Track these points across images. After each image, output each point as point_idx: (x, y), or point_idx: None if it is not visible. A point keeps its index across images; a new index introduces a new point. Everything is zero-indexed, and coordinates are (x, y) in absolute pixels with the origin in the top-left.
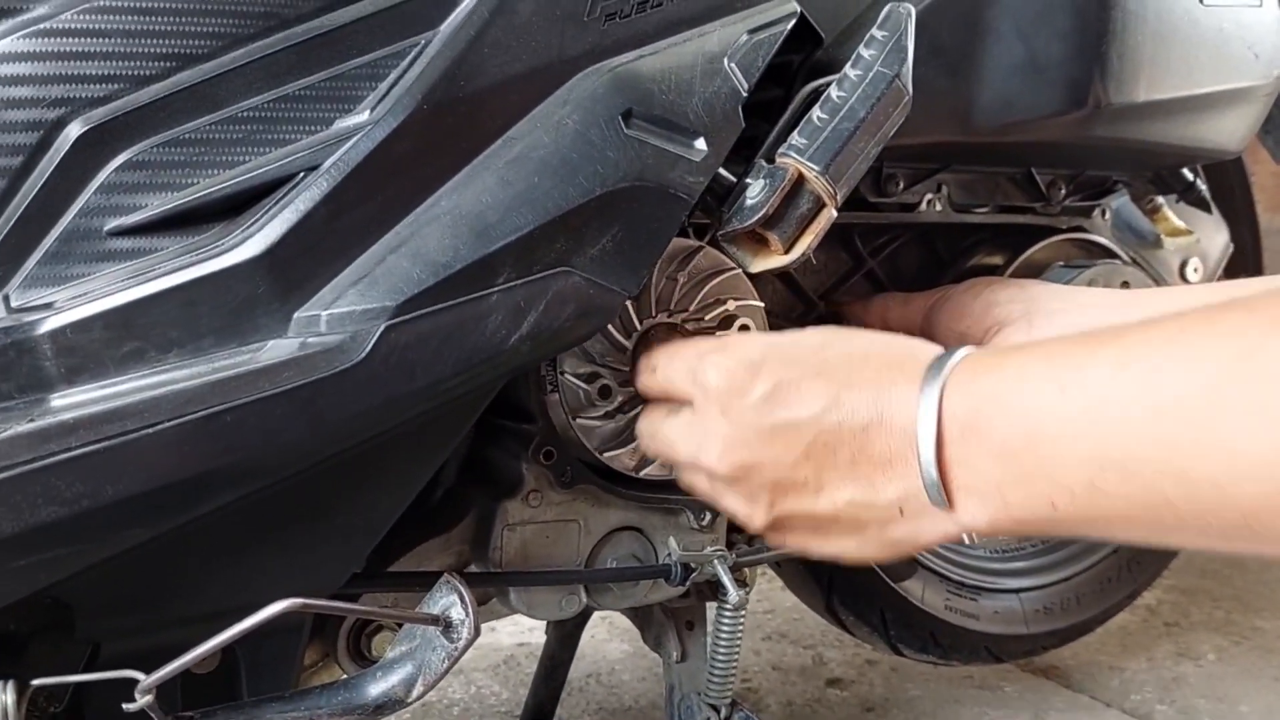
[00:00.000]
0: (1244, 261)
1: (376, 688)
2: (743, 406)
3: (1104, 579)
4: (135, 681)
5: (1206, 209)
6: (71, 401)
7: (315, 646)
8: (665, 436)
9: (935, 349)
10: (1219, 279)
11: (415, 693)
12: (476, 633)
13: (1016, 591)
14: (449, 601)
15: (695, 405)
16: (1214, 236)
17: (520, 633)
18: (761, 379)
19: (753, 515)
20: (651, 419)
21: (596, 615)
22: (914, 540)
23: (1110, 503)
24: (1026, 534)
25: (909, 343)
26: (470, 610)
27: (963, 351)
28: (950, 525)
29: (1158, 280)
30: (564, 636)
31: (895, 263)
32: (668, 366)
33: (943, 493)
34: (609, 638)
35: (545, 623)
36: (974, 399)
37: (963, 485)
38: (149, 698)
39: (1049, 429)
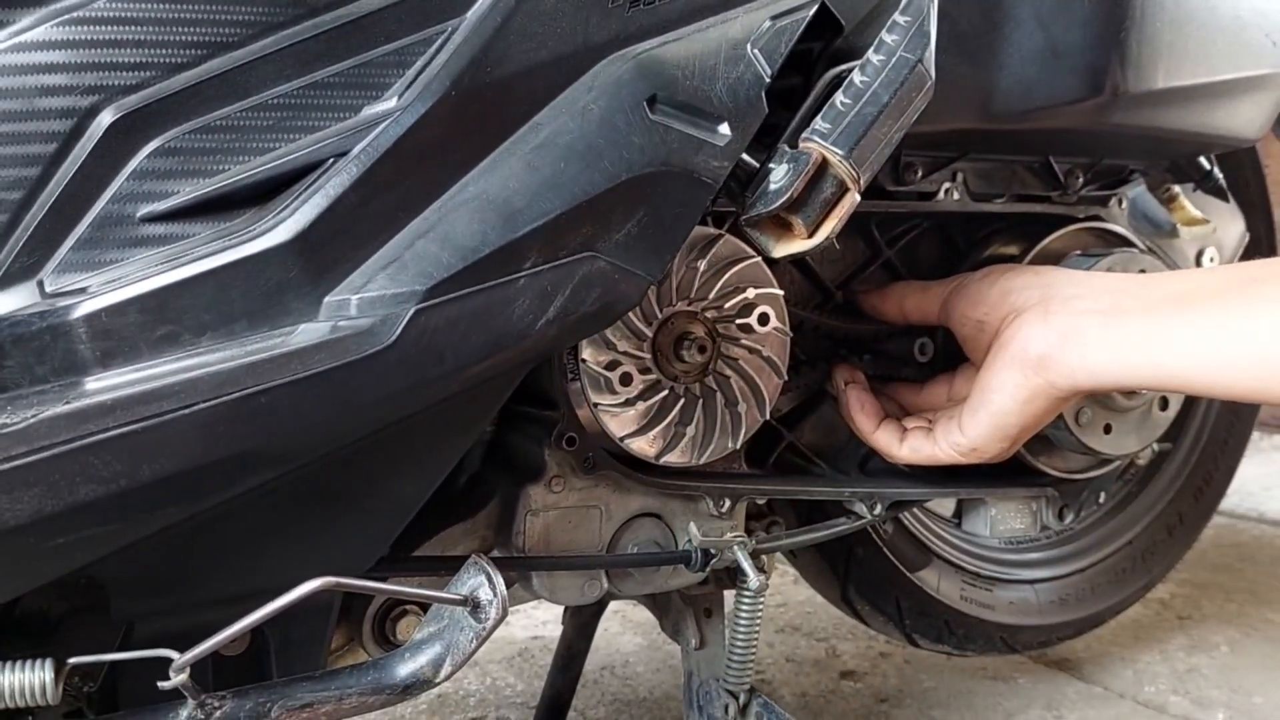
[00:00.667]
0: (1259, 251)
1: (405, 668)
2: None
3: (1118, 571)
4: (168, 661)
5: (1223, 198)
6: (107, 384)
7: (341, 630)
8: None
9: None
10: None
11: (444, 673)
12: (505, 613)
13: (1031, 582)
14: (477, 582)
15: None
16: (1230, 226)
17: (534, 626)
18: None
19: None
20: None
21: (610, 609)
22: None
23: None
24: None
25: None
26: (498, 590)
27: None
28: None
29: (1174, 269)
30: (580, 627)
31: (912, 252)
32: None
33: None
34: (622, 630)
35: (560, 615)
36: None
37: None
38: (183, 676)
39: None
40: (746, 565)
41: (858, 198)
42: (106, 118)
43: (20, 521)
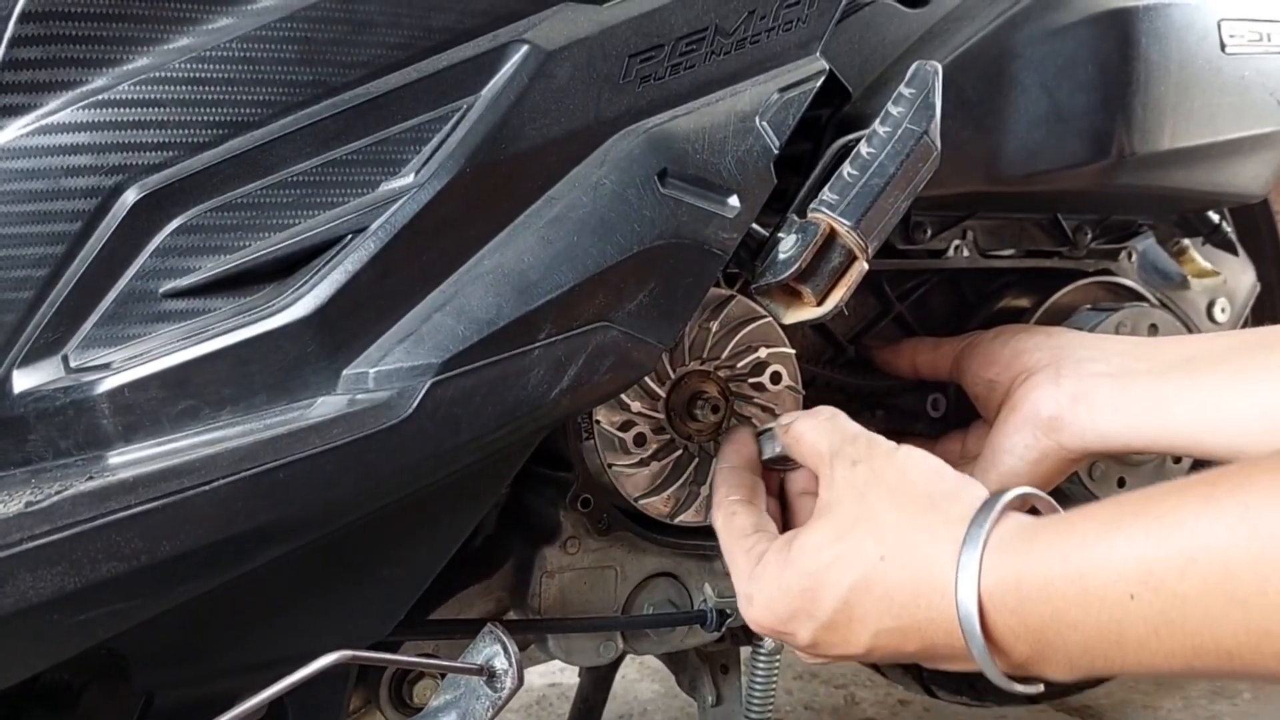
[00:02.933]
0: (1271, 300)
1: None
2: (794, 644)
3: None
4: None
5: (1233, 250)
6: (129, 459)
7: (358, 693)
8: None
9: (948, 538)
10: (1247, 317)
11: None
12: (520, 682)
13: None
14: (492, 651)
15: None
16: (1240, 276)
17: (551, 673)
18: (798, 629)
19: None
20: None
21: (628, 656)
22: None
23: (1218, 672)
24: None
25: (929, 534)
26: (514, 660)
27: (992, 549)
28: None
29: (1185, 321)
30: (598, 679)
31: (924, 307)
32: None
33: (1025, 687)
34: (640, 678)
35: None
36: (1034, 620)
37: (1047, 673)
38: None
39: (1132, 631)
40: None
41: (866, 267)
42: (130, 196)
43: (43, 599)
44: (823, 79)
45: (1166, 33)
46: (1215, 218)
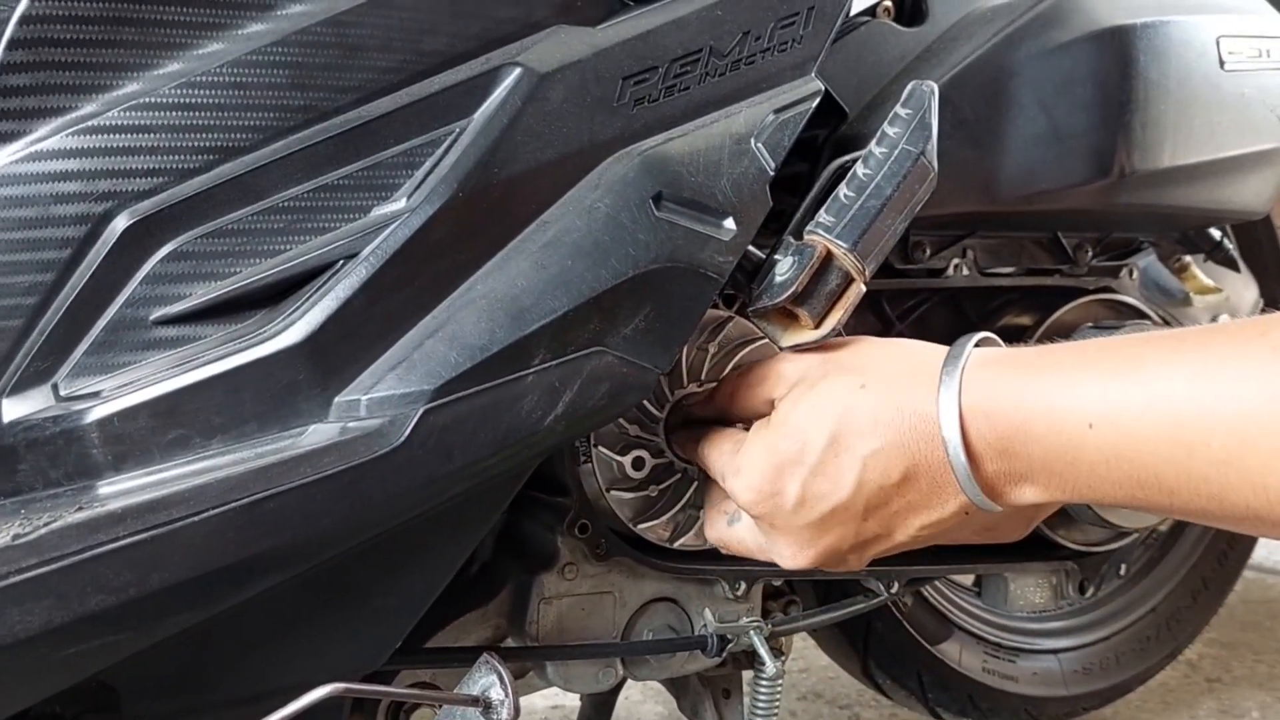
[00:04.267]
0: None
1: None
2: (785, 515)
3: (1143, 639)
4: None
5: (1235, 267)
6: (119, 489)
7: None
8: (737, 544)
9: (934, 365)
10: None
11: None
12: (516, 712)
13: (1055, 652)
14: (488, 681)
15: (746, 520)
16: (1244, 293)
17: (553, 695)
18: (786, 486)
19: (851, 566)
20: (716, 528)
21: None
22: (994, 514)
23: (1153, 507)
24: None
25: (907, 367)
26: (510, 690)
27: (969, 368)
28: (1012, 507)
29: None
30: (599, 703)
31: (924, 325)
32: (711, 475)
33: (994, 503)
34: (643, 699)
35: None
36: (1002, 426)
37: (1011, 494)
38: None
39: (1086, 457)
40: (763, 651)
41: (863, 288)
42: (120, 223)
43: (31, 633)
44: (818, 100)
45: (1165, 50)
46: (1217, 234)
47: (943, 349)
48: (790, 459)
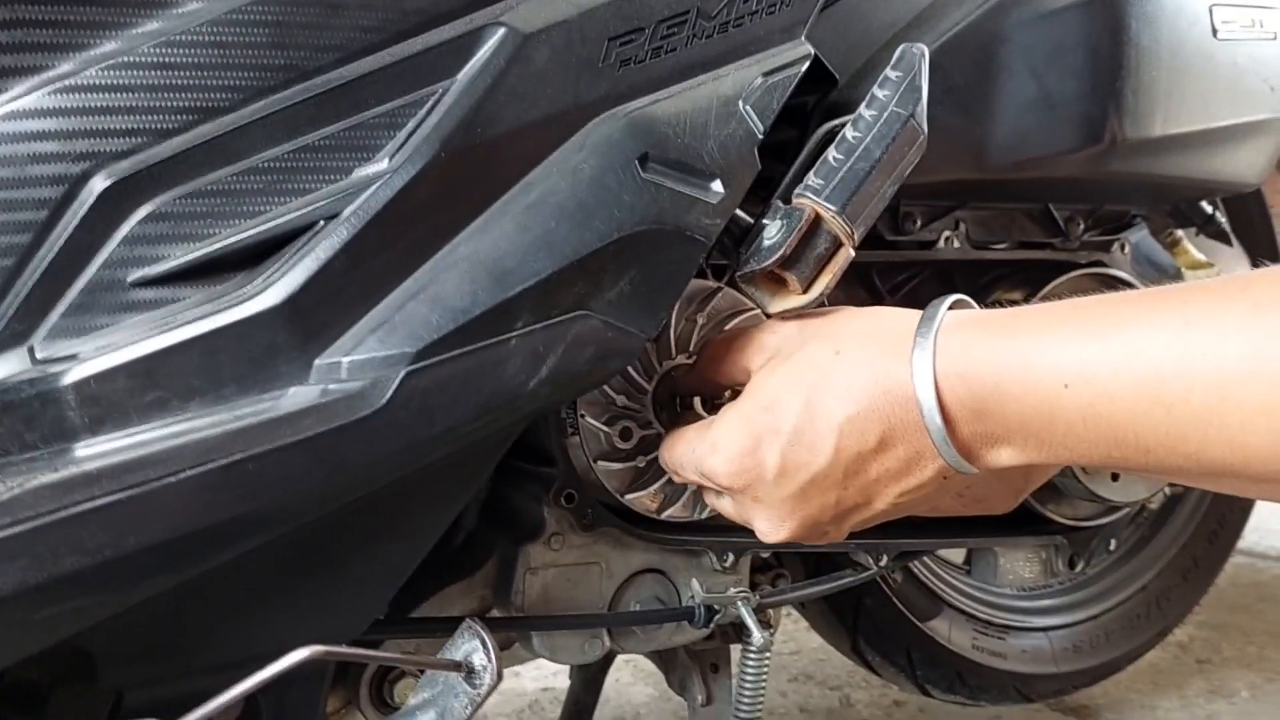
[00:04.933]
0: None
1: None
2: (766, 487)
3: (1133, 617)
4: None
5: (1227, 241)
6: (95, 451)
7: (337, 694)
8: (722, 510)
9: (908, 328)
10: None
11: None
12: (499, 678)
13: (1045, 630)
14: (471, 647)
15: (733, 503)
16: (1235, 268)
17: (544, 677)
18: (765, 458)
19: (832, 538)
20: (707, 494)
21: (621, 659)
22: (981, 485)
23: (1129, 465)
24: None
25: (882, 332)
26: (493, 656)
27: (943, 331)
28: (989, 468)
29: None
30: (588, 681)
31: (914, 299)
32: (683, 474)
33: (972, 466)
34: (633, 681)
35: (569, 667)
36: (977, 387)
37: (985, 454)
38: None
39: (1062, 415)
40: (750, 622)
41: (852, 253)
42: (98, 184)
43: (4, 593)
44: (808, 64)
45: (1157, 17)
46: (1209, 208)
47: (918, 313)
48: (768, 428)
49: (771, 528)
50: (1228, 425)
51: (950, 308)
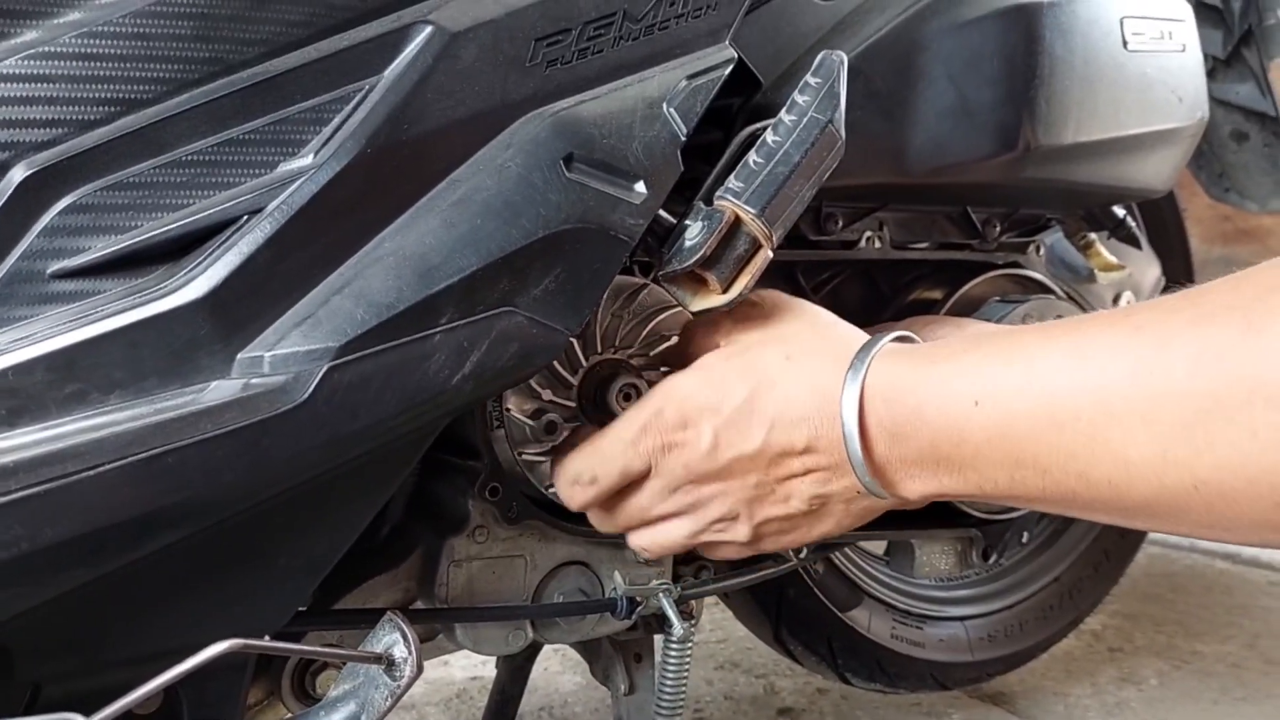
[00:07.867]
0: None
1: None
2: (699, 458)
3: (1046, 607)
4: None
5: (1137, 245)
6: (13, 444)
7: (259, 685)
8: (665, 539)
9: (847, 350)
10: None
11: None
12: (419, 671)
13: (961, 619)
14: (392, 640)
15: (654, 472)
16: (1146, 270)
17: (472, 666)
18: (702, 428)
19: (738, 536)
20: (641, 536)
21: (549, 648)
22: (877, 508)
23: (1028, 491)
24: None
25: (828, 348)
26: (413, 648)
27: (877, 358)
28: (900, 497)
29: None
30: (514, 670)
31: (837, 297)
32: (607, 465)
33: (882, 488)
34: (562, 670)
35: (496, 656)
36: (898, 410)
37: (898, 480)
38: None
39: (971, 436)
40: (671, 613)
41: (770, 255)
42: (18, 174)
43: None
44: (731, 67)
45: (1071, 28)
46: (1120, 213)
47: (864, 336)
48: (709, 406)
49: (728, 508)
50: (1112, 440)
51: (895, 339)
